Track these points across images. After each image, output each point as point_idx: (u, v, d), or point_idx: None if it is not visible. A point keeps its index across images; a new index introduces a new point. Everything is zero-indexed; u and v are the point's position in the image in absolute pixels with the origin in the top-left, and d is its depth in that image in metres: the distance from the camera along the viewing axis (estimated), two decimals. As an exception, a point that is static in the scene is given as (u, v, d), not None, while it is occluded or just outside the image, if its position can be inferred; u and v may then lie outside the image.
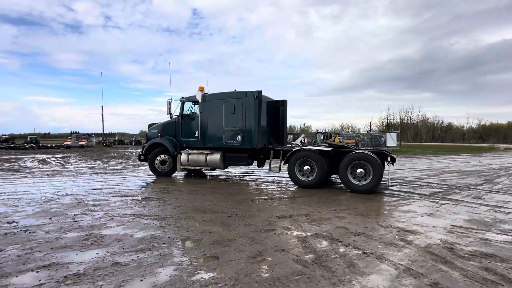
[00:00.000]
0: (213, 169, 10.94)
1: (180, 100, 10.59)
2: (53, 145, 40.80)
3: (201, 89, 10.23)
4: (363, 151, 8.31)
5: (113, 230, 4.70)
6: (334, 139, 28.41)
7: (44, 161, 19.30)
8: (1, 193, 7.91)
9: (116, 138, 60.74)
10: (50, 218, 5.41)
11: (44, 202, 6.78)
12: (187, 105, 10.54)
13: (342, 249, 3.96)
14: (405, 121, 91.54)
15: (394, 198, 7.33)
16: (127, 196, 7.46)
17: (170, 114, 10.58)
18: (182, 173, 11.51)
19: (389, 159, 8.15)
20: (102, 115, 50.14)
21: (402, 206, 6.53)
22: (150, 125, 11.67)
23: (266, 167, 10.20)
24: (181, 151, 10.47)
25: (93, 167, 15.45)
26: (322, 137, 28.26)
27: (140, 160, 11.38)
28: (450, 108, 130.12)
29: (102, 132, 52.79)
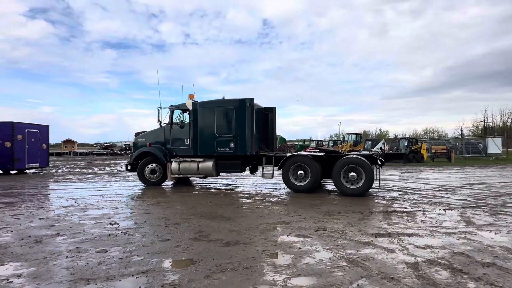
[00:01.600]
0: (205, 177, 10.66)
1: (170, 108, 10.38)
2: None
3: (191, 96, 10.15)
4: (355, 155, 8.83)
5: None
6: (421, 145, 25.38)
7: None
8: (104, 194, 8.88)
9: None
10: (145, 222, 5.71)
11: (139, 205, 7.30)
12: (177, 113, 10.39)
13: (472, 286, 3.14)
14: (509, 123, 77.31)
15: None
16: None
17: (159, 122, 10.44)
18: (170, 182, 11.11)
19: (379, 163, 8.53)
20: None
21: (538, 230, 5.14)
22: (137, 134, 11.31)
23: (258, 173, 10.45)
24: (171, 160, 10.26)
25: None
26: (406, 143, 25.53)
27: (127, 170, 10.84)
28: None
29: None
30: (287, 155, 9.42)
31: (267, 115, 10.87)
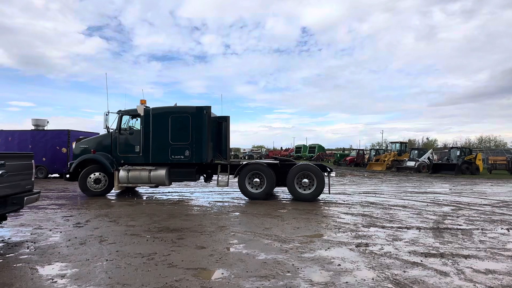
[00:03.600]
0: (156, 186, 10.02)
1: (118, 113, 9.80)
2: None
3: (143, 102, 9.68)
4: (308, 163, 9.88)
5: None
6: (476, 155, 23.14)
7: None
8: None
9: (232, 153, 66.54)
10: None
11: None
12: (125, 118, 9.85)
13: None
14: None
15: None
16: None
17: (107, 127, 9.78)
18: (115, 192, 10.42)
19: (328, 170, 9.25)
20: (222, 132, 55.64)
21: None
22: (78, 140, 10.61)
23: (213, 182, 10.36)
24: (119, 168, 9.61)
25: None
26: (458, 153, 23.45)
27: (66, 179, 9.92)
28: None
29: (221, 147, 58.56)
30: (243, 163, 9.54)
31: (221, 124, 10.65)
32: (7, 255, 4.25)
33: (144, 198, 9.66)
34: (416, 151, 26.97)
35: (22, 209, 5.02)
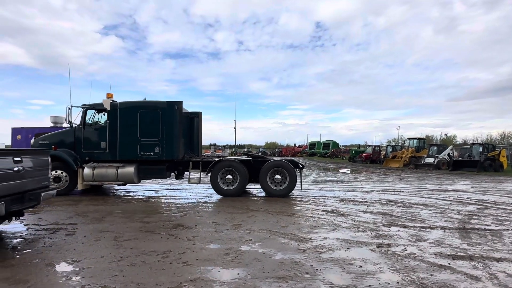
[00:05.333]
0: (124, 184, 9.60)
1: (82, 107, 9.30)
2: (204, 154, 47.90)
3: (109, 96, 9.18)
4: (280, 159, 9.85)
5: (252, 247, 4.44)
6: (500, 152, 22.15)
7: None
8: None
9: (245, 149, 66.63)
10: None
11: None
12: (90, 113, 9.36)
13: None
14: None
15: None
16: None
17: (70, 122, 9.22)
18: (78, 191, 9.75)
19: (300, 166, 9.22)
20: (235, 128, 55.89)
21: None
22: (37, 135, 10.02)
23: (185, 179, 10.12)
24: (83, 165, 9.13)
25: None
26: (480, 149, 22.52)
27: None
28: None
29: (234, 144, 58.89)
30: (215, 159, 9.34)
31: (193, 120, 10.39)
32: (24, 251, 4.27)
33: (156, 195, 9.68)
34: (435, 148, 26.10)
35: (38, 205, 5.05)
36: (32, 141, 9.90)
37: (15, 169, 4.48)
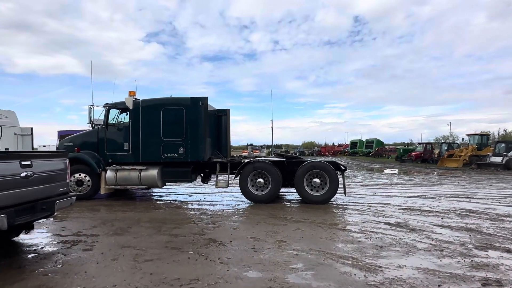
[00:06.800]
0: (148, 188, 8.79)
1: (104, 106, 8.62)
2: (235, 155, 47.85)
3: (132, 94, 8.50)
4: (319, 160, 8.55)
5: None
6: None
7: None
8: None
9: (282, 150, 65.34)
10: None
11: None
12: (113, 112, 8.69)
13: None
14: None
15: None
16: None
17: (92, 122, 8.63)
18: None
19: (342, 168, 8.03)
20: (272, 128, 55.12)
21: None
22: (61, 137, 9.39)
23: (212, 182, 9.23)
24: (106, 168, 8.49)
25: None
26: None
27: None
28: None
29: (271, 144, 57.85)
30: (244, 161, 8.34)
31: (221, 118, 9.57)
32: (31, 272, 3.61)
33: (189, 199, 8.93)
34: (503, 145, 22.75)
35: (53, 215, 4.42)
36: (57, 143, 9.58)
37: (23, 174, 3.85)
